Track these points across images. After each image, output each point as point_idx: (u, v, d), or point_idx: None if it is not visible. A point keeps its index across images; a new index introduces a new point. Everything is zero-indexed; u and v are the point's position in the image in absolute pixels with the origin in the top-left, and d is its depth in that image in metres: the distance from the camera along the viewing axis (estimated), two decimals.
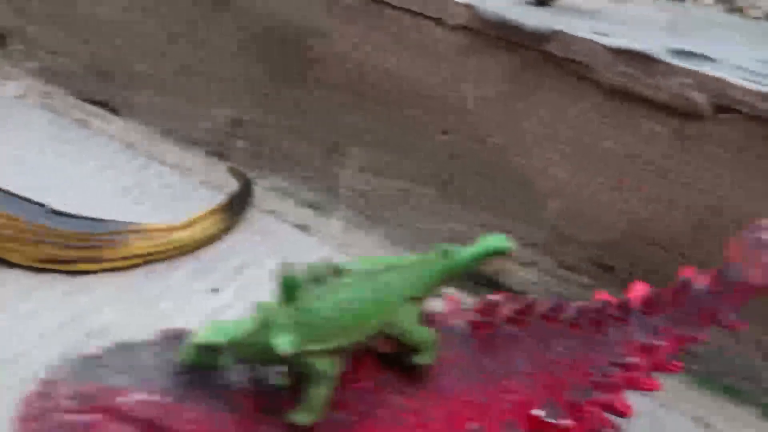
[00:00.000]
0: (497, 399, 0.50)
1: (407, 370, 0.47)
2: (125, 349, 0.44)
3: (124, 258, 0.91)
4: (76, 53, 1.32)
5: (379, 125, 1.02)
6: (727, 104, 0.74)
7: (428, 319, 0.48)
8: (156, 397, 0.42)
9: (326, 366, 0.42)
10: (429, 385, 0.47)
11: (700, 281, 0.67)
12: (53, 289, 0.87)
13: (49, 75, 1.37)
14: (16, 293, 0.86)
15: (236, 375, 0.45)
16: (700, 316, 0.65)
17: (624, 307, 0.63)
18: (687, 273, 0.68)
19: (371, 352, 0.47)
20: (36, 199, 0.90)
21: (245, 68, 1.12)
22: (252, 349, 0.42)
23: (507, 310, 0.55)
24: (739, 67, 0.75)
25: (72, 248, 0.88)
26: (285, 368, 0.43)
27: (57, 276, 0.89)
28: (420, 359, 0.46)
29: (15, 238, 0.86)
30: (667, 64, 0.75)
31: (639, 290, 0.68)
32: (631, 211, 0.86)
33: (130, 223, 0.93)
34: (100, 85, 1.32)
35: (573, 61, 0.81)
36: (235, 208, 1.05)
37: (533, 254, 0.95)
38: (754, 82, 0.73)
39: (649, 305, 0.65)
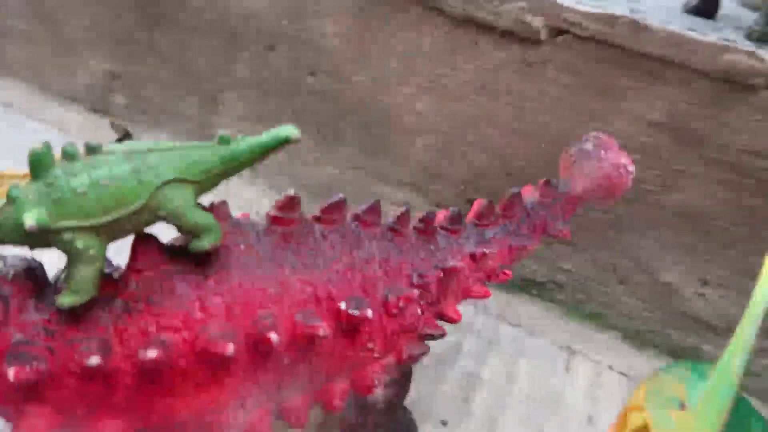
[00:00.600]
0: (294, 290, 0.50)
1: (194, 259, 0.47)
2: None
3: None
4: None
5: (252, 72, 1.01)
6: (561, 27, 0.77)
7: (212, 208, 0.48)
8: None
9: (88, 243, 0.42)
10: (217, 274, 0.47)
11: (531, 194, 0.69)
12: None
13: None
14: None
15: (9, 261, 0.44)
16: (531, 226, 0.68)
17: (456, 218, 0.65)
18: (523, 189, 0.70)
19: (153, 242, 0.47)
20: None
21: (114, 17, 1.09)
22: (5, 229, 0.41)
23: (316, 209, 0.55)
24: None
25: None
26: (47, 247, 0.42)
27: None
28: (197, 244, 0.45)
29: None
30: None
31: (476, 206, 0.70)
32: (488, 143, 0.88)
33: None
34: None
35: None
36: None
37: (405, 194, 0.97)
38: (586, 4, 0.75)
39: (482, 217, 0.67)
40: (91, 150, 0.42)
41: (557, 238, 0.69)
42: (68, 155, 0.41)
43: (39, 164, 0.40)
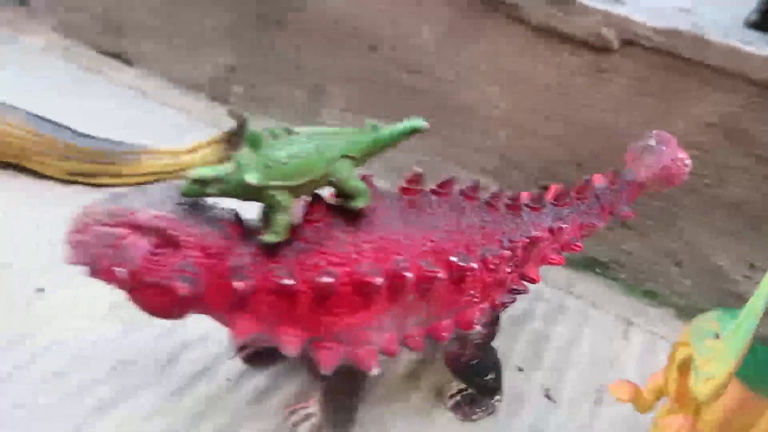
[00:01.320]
0: (419, 243, 0.66)
1: (348, 215, 0.63)
2: (142, 189, 0.61)
3: (139, 174, 1.08)
4: (91, 9, 1.48)
5: (356, 68, 1.18)
6: (631, 39, 0.90)
7: (363, 177, 0.65)
8: (166, 214, 0.58)
9: (285, 198, 0.59)
10: (364, 227, 0.63)
11: (601, 181, 0.83)
12: (81, 196, 1.05)
13: (69, 30, 1.54)
14: (49, 200, 1.03)
15: (225, 211, 0.62)
16: (600, 207, 0.82)
17: (538, 198, 0.80)
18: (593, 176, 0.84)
19: (323, 201, 0.63)
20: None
21: (237, 18, 1.27)
22: (231, 185, 0.58)
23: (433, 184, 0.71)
24: (646, 8, 0.91)
25: (95, 163, 1.05)
26: (256, 202, 0.60)
27: (83, 188, 1.06)
28: (355, 204, 0.62)
29: (48, 154, 1.03)
30: (583, 5, 0.90)
31: (554, 189, 0.85)
32: (561, 137, 1.02)
33: (144, 145, 1.10)
34: (114, 38, 1.48)
35: (504, 2, 0.96)
36: (232, 142, 1.21)
37: (486, 180, 1.12)
38: (653, 19, 0.88)
39: (559, 198, 0.81)
40: (289, 132, 0.59)
41: (622, 219, 0.83)
42: (273, 135, 0.58)
43: (255, 141, 0.58)
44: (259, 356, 0.80)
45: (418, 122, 0.65)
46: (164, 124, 1.31)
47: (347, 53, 1.17)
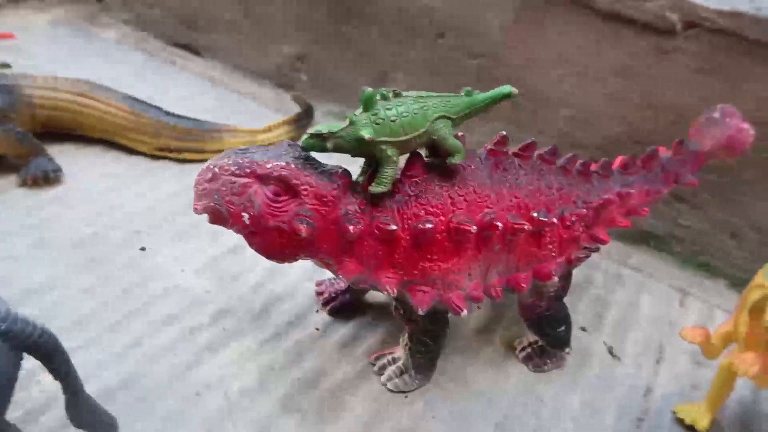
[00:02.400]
0: (505, 199, 0.72)
1: (445, 171, 0.70)
2: (264, 147, 0.69)
3: (220, 151, 1.16)
4: (165, 3, 1.58)
5: (421, 55, 1.25)
6: (694, 21, 0.95)
7: (459, 137, 0.71)
8: (286, 164, 0.65)
9: (393, 153, 0.66)
10: (459, 182, 0.70)
11: (666, 152, 0.89)
12: (168, 170, 1.13)
13: (143, 23, 1.64)
14: (143, 173, 1.12)
15: (334, 166, 0.69)
16: (665, 176, 0.87)
17: (606, 166, 0.85)
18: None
19: (420, 158, 0.70)
20: None
21: (308, 10, 1.35)
22: (346, 139, 0.65)
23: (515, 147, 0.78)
24: None
25: (182, 140, 1.14)
26: (365, 157, 0.67)
27: (170, 162, 1.15)
28: (452, 159, 0.68)
29: (140, 130, 1.12)
30: None
31: (620, 160, 0.90)
32: (622, 116, 1.07)
33: (225, 125, 1.18)
34: (184, 30, 1.58)
35: None
36: (301, 123, 1.29)
37: None
38: (715, 2, 0.93)
39: (626, 167, 0.87)
40: (397, 94, 0.66)
41: (687, 186, 0.88)
42: (383, 97, 0.65)
43: (368, 101, 0.65)
44: (342, 309, 0.87)
45: (509, 89, 0.71)
46: (235, 109, 1.40)
47: (413, 41, 1.24)
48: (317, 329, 0.85)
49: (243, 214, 0.64)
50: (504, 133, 0.75)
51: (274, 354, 0.80)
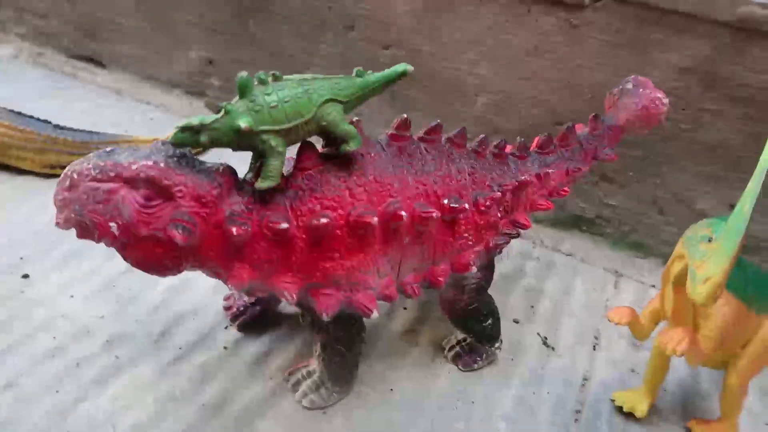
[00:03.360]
0: (411, 187, 0.66)
1: (342, 160, 0.63)
2: (133, 147, 0.61)
3: None
4: (63, 14, 1.47)
5: (331, 49, 1.19)
6: None
7: (353, 122, 0.65)
8: (155, 163, 0.57)
9: (277, 143, 0.59)
10: (357, 172, 0.63)
11: (582, 129, 0.85)
12: None
13: (40, 36, 1.52)
14: (29, 193, 1.01)
15: (215, 163, 0.61)
16: (583, 153, 0.83)
17: (522, 147, 0.81)
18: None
19: (313, 149, 0.63)
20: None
21: (214, 12, 1.28)
22: (221, 132, 0.58)
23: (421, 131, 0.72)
24: None
25: (73, 155, 1.04)
26: (249, 149, 0.59)
27: None
28: (346, 147, 0.62)
29: (25, 147, 1.02)
30: None
31: (537, 140, 0.86)
32: (540, 98, 1.04)
33: (122, 135, 1.09)
34: (86, 42, 1.47)
35: None
36: None
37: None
38: None
39: (543, 147, 0.83)
40: (276, 78, 0.59)
41: (606, 161, 0.84)
42: (261, 81, 0.59)
43: (244, 87, 0.58)
44: (253, 323, 0.80)
45: (403, 66, 0.66)
46: (142, 120, 1.31)
47: (323, 35, 1.18)
48: (225, 348, 0.77)
49: (110, 224, 0.56)
50: (405, 116, 0.69)
51: (176, 380, 0.71)
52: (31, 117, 1.05)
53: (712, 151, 0.95)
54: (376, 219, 0.61)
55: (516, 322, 0.87)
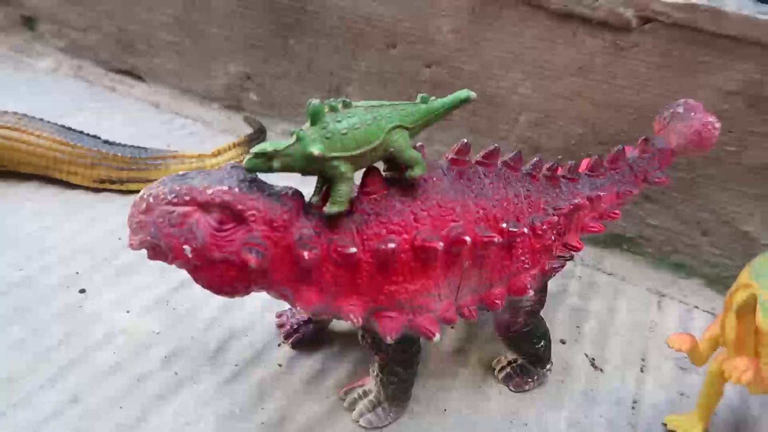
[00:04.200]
0: (472, 211, 0.67)
1: (405, 185, 0.64)
2: (205, 172, 0.62)
3: None
4: (101, 28, 1.50)
5: (371, 66, 1.20)
6: (649, 16, 0.93)
7: (418, 148, 0.66)
8: (229, 189, 0.59)
9: (347, 169, 0.60)
10: (421, 196, 0.64)
11: (632, 151, 0.85)
12: (111, 203, 1.05)
13: (79, 50, 1.55)
14: (81, 208, 1.03)
15: (284, 187, 0.63)
16: (633, 176, 0.84)
17: (573, 169, 0.81)
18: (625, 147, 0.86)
19: (378, 173, 0.64)
20: None
21: (252, 27, 1.29)
22: (293, 157, 0.59)
23: (479, 155, 0.73)
24: None
25: (122, 170, 1.06)
26: (318, 175, 0.61)
27: (111, 194, 1.07)
28: (412, 173, 0.63)
29: (76, 162, 1.04)
30: None
31: (586, 162, 0.86)
32: (583, 117, 1.04)
33: (169, 150, 1.11)
34: (125, 55, 1.49)
35: None
36: (252, 144, 1.23)
37: None
38: None
39: (594, 169, 0.83)
40: (346, 105, 0.60)
41: (656, 185, 0.84)
42: (332, 108, 0.60)
43: (316, 114, 0.59)
44: (306, 341, 0.81)
45: (466, 93, 0.67)
46: (180, 134, 1.32)
47: (364, 53, 1.19)
48: (280, 365, 0.78)
49: (185, 247, 0.57)
50: (465, 140, 0.70)
51: (234, 397, 0.72)
52: (81, 132, 1.07)
53: (758, 173, 0.95)
54: (441, 244, 0.62)
55: (563, 342, 0.88)
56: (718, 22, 0.89)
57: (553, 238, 0.74)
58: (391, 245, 0.60)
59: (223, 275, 0.59)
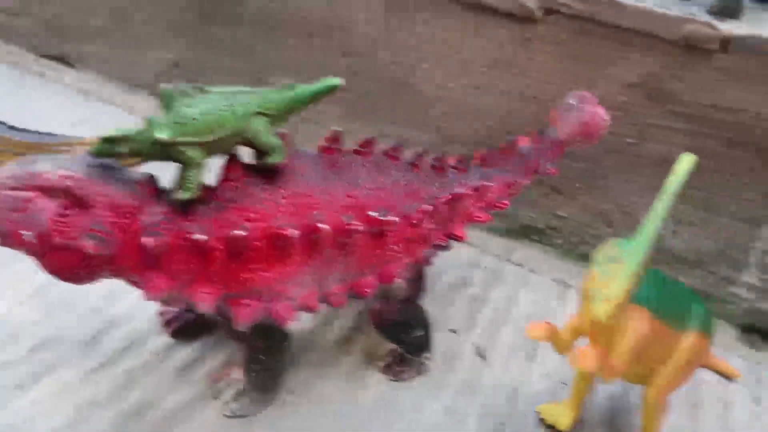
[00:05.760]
0: (339, 200, 0.66)
1: (266, 173, 0.64)
2: (54, 156, 0.61)
3: None
4: (32, 13, 1.47)
5: (294, 55, 1.19)
6: (552, 7, 0.93)
7: (282, 135, 0.65)
8: (73, 174, 0.58)
9: (196, 154, 0.59)
10: (283, 184, 0.64)
11: (526, 142, 0.85)
12: None
13: (8, 34, 1.52)
14: None
15: (137, 173, 0.62)
16: (524, 167, 0.83)
17: (463, 160, 0.81)
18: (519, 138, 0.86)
19: (238, 161, 0.64)
20: None
21: (178, 14, 1.28)
22: (141, 143, 0.58)
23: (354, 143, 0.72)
24: None
25: (24, 156, 1.04)
26: (169, 160, 0.60)
27: None
28: (270, 159, 0.63)
29: None
30: None
31: (480, 153, 0.86)
32: (494, 109, 1.04)
33: (77, 137, 1.09)
34: (55, 41, 1.47)
35: None
36: None
37: None
38: None
39: (485, 160, 0.83)
40: (202, 91, 0.60)
41: (547, 175, 0.84)
42: (185, 94, 0.59)
43: (167, 99, 0.58)
44: (186, 330, 0.80)
45: (335, 80, 0.67)
46: (106, 122, 1.30)
47: (285, 41, 1.18)
48: (155, 354, 0.77)
49: (24, 232, 0.57)
50: (337, 128, 0.69)
51: (99, 386, 0.72)
52: None
53: (658, 165, 0.95)
54: (294, 232, 0.61)
55: (453, 332, 0.88)
56: (618, 14, 0.89)
57: (431, 227, 0.74)
58: (242, 233, 0.60)
59: (66, 262, 0.58)
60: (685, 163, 0.60)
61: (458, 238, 0.78)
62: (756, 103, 0.86)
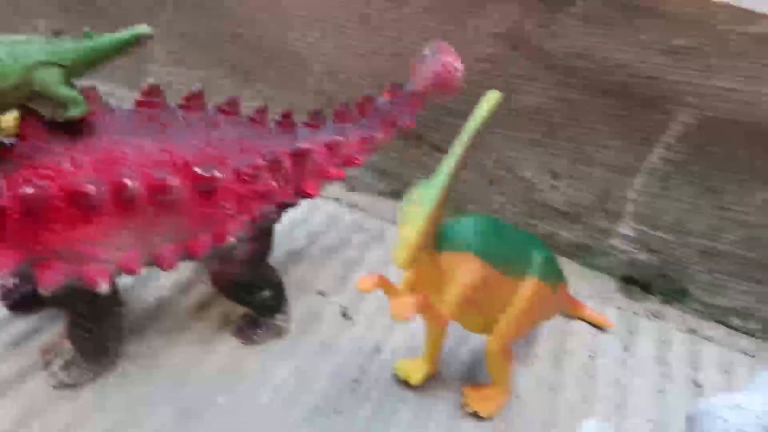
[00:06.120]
0: (154, 156, 0.63)
1: (69, 129, 0.60)
2: None
3: None
4: None
5: (179, 26, 1.14)
6: None
7: (86, 90, 0.61)
8: None
9: None
10: (87, 140, 0.60)
11: (383, 96, 0.83)
12: None
13: None
14: None
15: None
16: (381, 121, 0.81)
17: (315, 116, 0.79)
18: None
19: (36, 117, 0.60)
20: None
21: None
22: None
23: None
24: None
25: None
26: None
27: None
28: (69, 113, 0.59)
29: None
30: None
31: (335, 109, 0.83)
32: (370, 67, 1.01)
33: None
34: None
35: None
36: None
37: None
38: None
39: (340, 116, 0.80)
40: None
41: (404, 129, 0.82)
42: None
43: None
44: (25, 302, 0.76)
45: (142, 28, 0.63)
46: None
47: (170, 12, 1.13)
48: None
49: None
50: (153, 81, 0.66)
51: None
52: None
53: (530, 118, 0.94)
54: (93, 188, 0.58)
55: (321, 294, 0.86)
56: None
57: (274, 183, 0.71)
58: (32, 190, 0.56)
59: None
60: (489, 100, 0.58)
61: (308, 195, 0.76)
62: (616, 50, 0.85)
